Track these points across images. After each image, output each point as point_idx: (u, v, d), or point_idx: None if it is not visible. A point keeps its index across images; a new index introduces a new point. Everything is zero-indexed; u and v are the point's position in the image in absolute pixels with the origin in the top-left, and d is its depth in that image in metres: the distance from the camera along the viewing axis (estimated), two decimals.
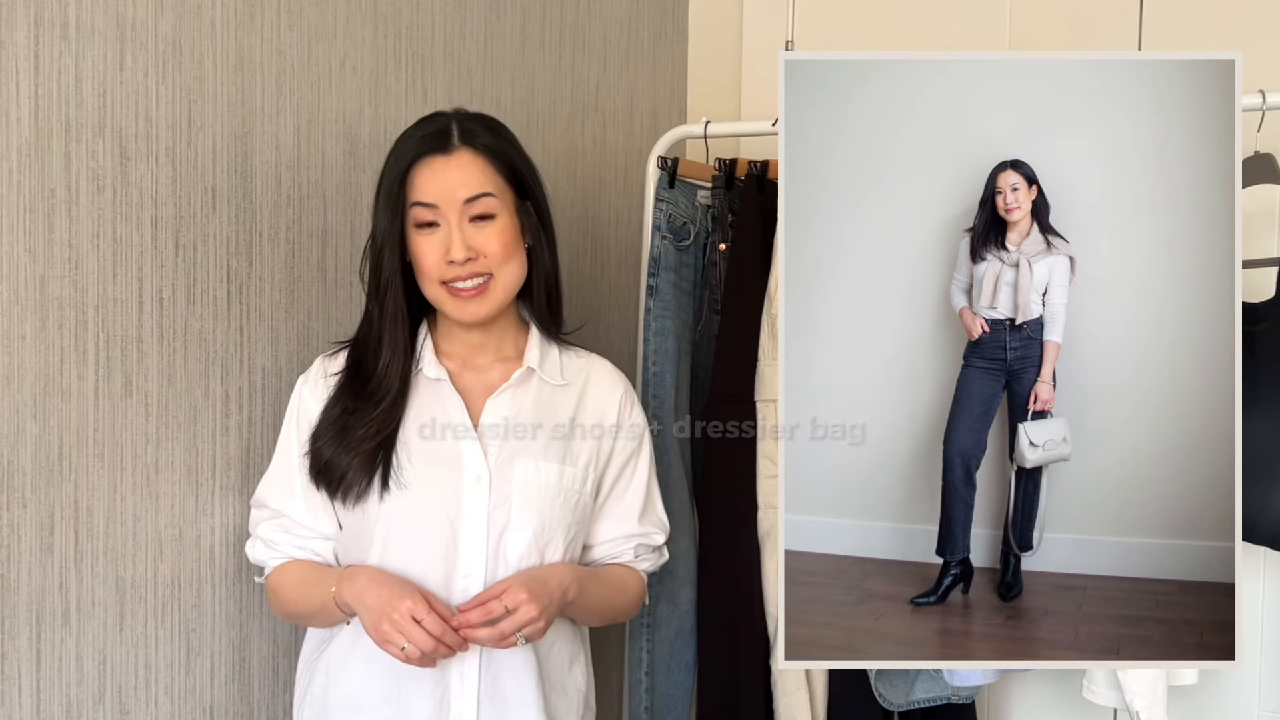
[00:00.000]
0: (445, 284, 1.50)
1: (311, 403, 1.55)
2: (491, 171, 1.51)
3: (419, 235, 1.50)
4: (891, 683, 1.87)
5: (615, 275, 2.35)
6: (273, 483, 1.56)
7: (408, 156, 1.50)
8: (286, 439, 1.56)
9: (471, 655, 1.48)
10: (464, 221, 1.49)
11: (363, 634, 1.47)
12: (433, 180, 1.49)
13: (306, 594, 1.52)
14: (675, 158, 2.10)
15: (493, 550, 1.49)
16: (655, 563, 1.69)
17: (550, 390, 1.58)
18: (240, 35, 1.60)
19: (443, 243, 1.48)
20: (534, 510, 1.51)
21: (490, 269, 1.50)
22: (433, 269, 1.49)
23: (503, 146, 1.54)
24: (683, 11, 2.54)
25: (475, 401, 1.55)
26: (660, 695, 2.05)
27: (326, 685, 1.52)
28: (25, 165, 1.37)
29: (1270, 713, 2.08)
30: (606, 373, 1.65)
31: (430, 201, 1.48)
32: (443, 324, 1.59)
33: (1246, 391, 1.79)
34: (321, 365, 1.58)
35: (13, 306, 1.37)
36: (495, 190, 1.50)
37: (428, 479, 1.50)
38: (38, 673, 1.42)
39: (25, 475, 1.39)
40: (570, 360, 1.62)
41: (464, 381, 1.56)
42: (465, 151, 1.50)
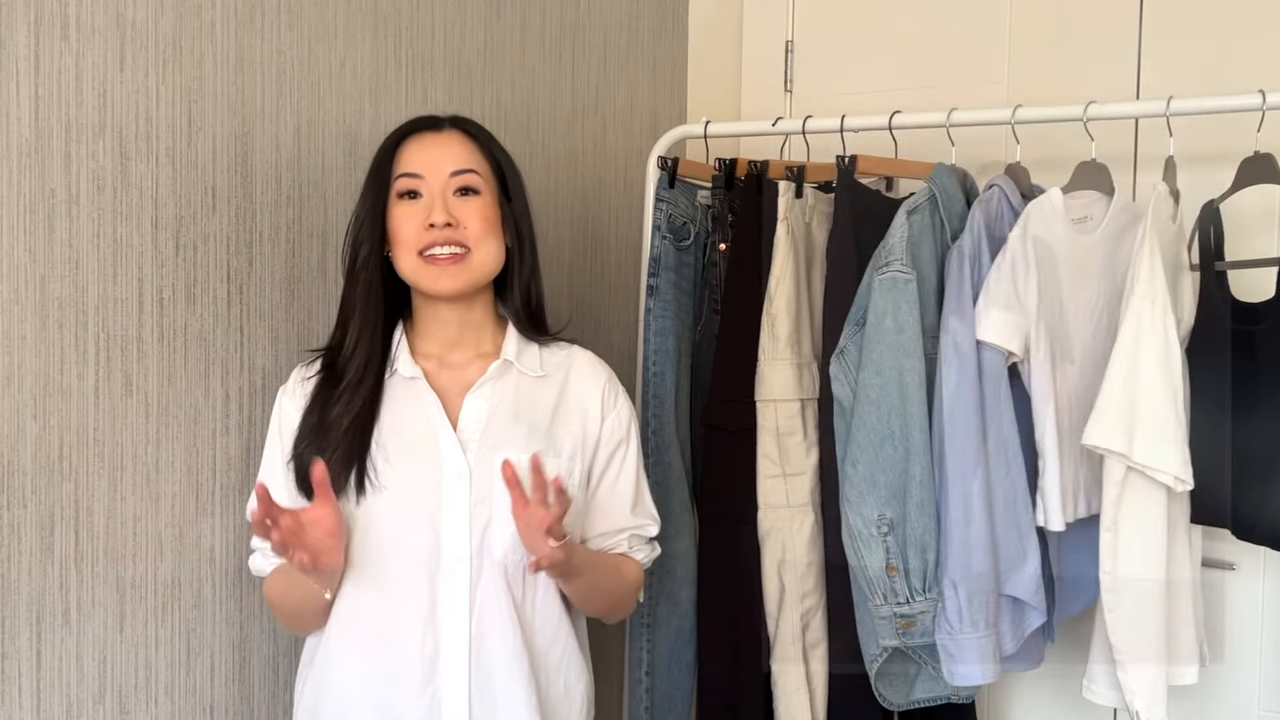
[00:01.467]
0: (422, 254, 1.49)
1: (291, 411, 1.53)
2: (478, 155, 1.54)
3: (400, 206, 1.50)
4: (891, 682, 1.87)
5: (615, 275, 2.35)
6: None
7: (397, 135, 1.55)
8: (270, 449, 1.55)
9: (460, 656, 1.47)
10: (448, 193, 1.50)
11: (351, 643, 1.47)
12: (420, 152, 1.52)
13: (288, 589, 1.51)
14: (675, 158, 2.10)
15: (476, 547, 1.47)
16: (649, 555, 1.66)
17: (530, 382, 1.56)
18: (240, 35, 1.61)
19: (424, 209, 1.49)
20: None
21: (468, 241, 1.49)
22: (411, 236, 1.49)
23: (491, 141, 1.57)
24: (683, 11, 2.54)
25: (454, 399, 1.53)
26: (660, 695, 2.05)
27: (318, 691, 1.51)
28: (25, 165, 1.37)
29: (1270, 713, 2.08)
30: (588, 362, 1.62)
31: (416, 171, 1.50)
32: (419, 323, 1.57)
33: (1246, 391, 1.79)
34: (298, 373, 1.56)
35: (13, 306, 1.37)
36: (481, 170, 1.52)
37: (406, 478, 1.48)
38: (38, 673, 1.42)
39: (25, 475, 1.39)
40: (550, 354, 1.60)
41: (441, 380, 1.54)
42: (455, 131, 1.55)
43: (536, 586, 1.52)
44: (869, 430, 1.78)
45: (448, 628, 1.47)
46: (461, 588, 1.47)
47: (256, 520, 1.34)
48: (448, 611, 1.47)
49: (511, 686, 1.48)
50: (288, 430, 1.53)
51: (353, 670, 1.48)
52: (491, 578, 1.48)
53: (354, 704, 1.48)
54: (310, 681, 1.52)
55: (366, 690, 1.47)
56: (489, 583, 1.48)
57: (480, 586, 1.48)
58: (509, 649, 1.48)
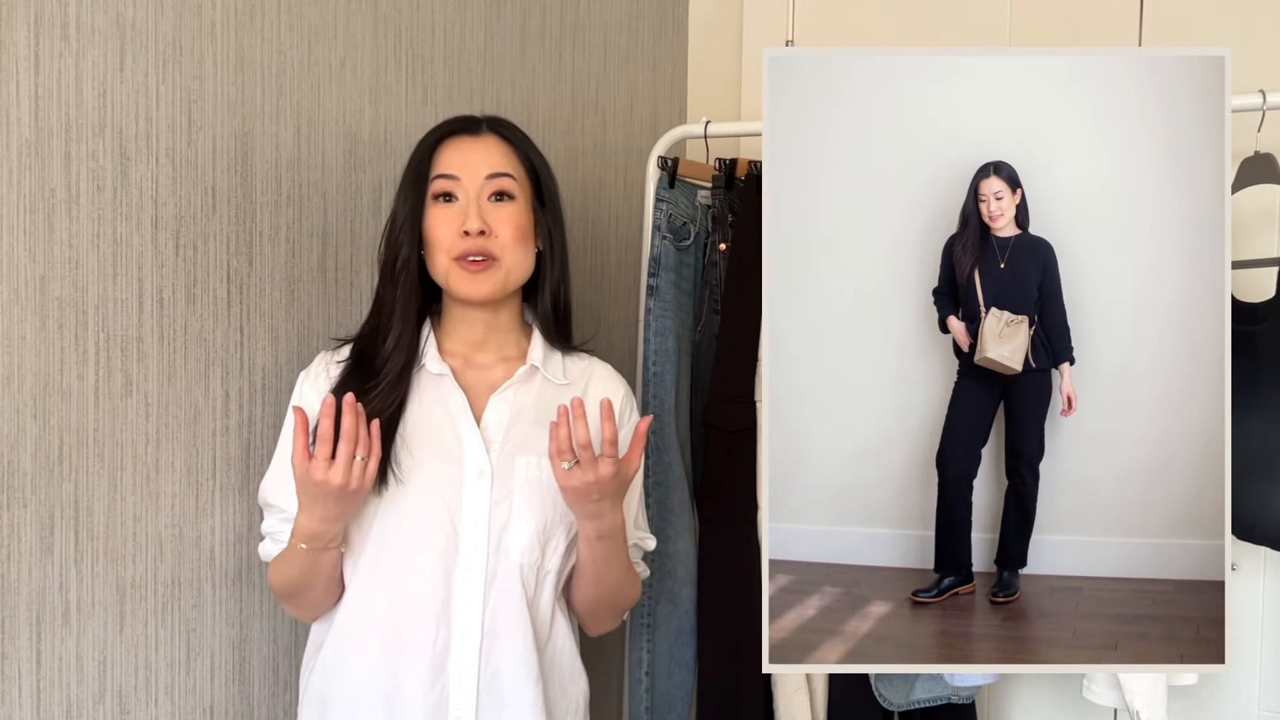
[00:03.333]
0: (456, 259, 1.51)
1: (311, 395, 1.55)
2: (515, 159, 1.56)
3: (435, 208, 1.53)
4: (891, 683, 1.87)
5: (615, 275, 2.35)
6: (276, 479, 1.56)
7: (435, 136, 1.56)
8: (286, 434, 1.56)
9: (470, 651, 1.48)
10: (483, 197, 1.52)
11: (362, 632, 1.48)
12: (456, 154, 1.54)
13: (286, 561, 1.51)
14: (675, 158, 2.10)
15: (494, 546, 1.49)
16: (643, 571, 1.70)
17: (553, 389, 1.58)
18: (240, 35, 1.61)
19: (459, 214, 1.51)
20: (536, 506, 1.51)
21: (499, 251, 1.51)
22: (446, 240, 1.51)
23: (529, 145, 1.59)
24: (683, 11, 2.54)
25: (478, 399, 1.55)
26: (660, 695, 2.05)
27: (325, 683, 1.52)
28: (25, 165, 1.37)
29: (1270, 713, 2.08)
30: (609, 375, 1.66)
31: (452, 173, 1.52)
32: (446, 321, 1.59)
33: (1246, 391, 1.79)
34: (323, 359, 1.58)
35: (13, 306, 1.37)
36: (516, 175, 1.54)
37: (429, 473, 1.50)
38: (38, 673, 1.42)
39: (25, 475, 1.39)
40: (573, 363, 1.63)
41: (466, 379, 1.57)
42: (492, 135, 1.57)
43: (543, 588, 1.53)
44: None
45: (460, 623, 1.49)
46: (476, 584, 1.49)
47: (323, 434, 1.39)
48: (461, 607, 1.49)
49: (519, 684, 1.50)
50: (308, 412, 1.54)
51: (363, 659, 1.49)
52: (507, 576, 1.50)
53: (363, 692, 1.49)
54: (318, 668, 1.54)
55: (375, 679, 1.48)
56: (504, 581, 1.50)
57: (495, 584, 1.50)
58: (520, 647, 1.50)
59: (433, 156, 1.54)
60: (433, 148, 1.55)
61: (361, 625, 1.50)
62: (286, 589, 1.54)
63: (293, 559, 1.49)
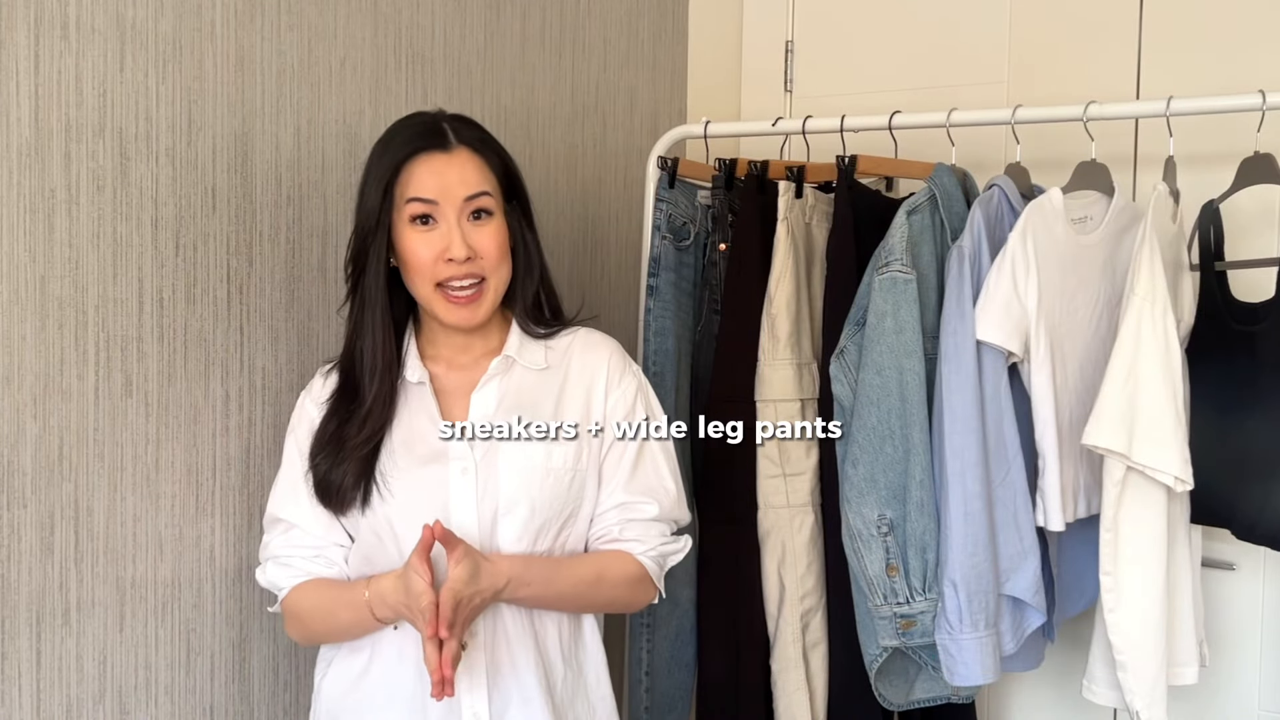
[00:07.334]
0: (440, 286, 1.49)
1: (314, 412, 1.55)
2: (487, 170, 1.51)
3: (413, 231, 1.48)
4: (891, 682, 1.87)
5: (615, 275, 2.35)
6: (281, 495, 1.55)
7: (402, 151, 1.48)
8: (290, 450, 1.56)
9: (477, 649, 1.48)
10: (462, 219, 1.48)
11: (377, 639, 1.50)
12: (432, 177, 1.48)
13: (334, 614, 1.50)
14: (675, 158, 2.10)
15: (486, 538, 1.49)
16: (656, 544, 1.56)
17: (534, 377, 1.56)
18: (240, 35, 1.61)
19: (441, 239, 1.47)
20: (523, 494, 1.50)
21: (485, 272, 1.49)
22: (428, 267, 1.48)
23: (494, 145, 1.55)
24: (683, 11, 2.54)
25: (462, 399, 1.54)
26: (660, 695, 2.05)
27: (336, 685, 1.53)
28: (25, 165, 1.37)
29: (1270, 713, 2.08)
30: (590, 340, 1.61)
31: (430, 198, 1.47)
32: (427, 326, 1.57)
33: (1246, 391, 1.79)
34: (321, 379, 1.58)
35: (13, 306, 1.37)
36: (492, 189, 1.51)
37: (415, 481, 1.49)
38: (38, 673, 1.42)
39: (25, 475, 1.39)
40: (555, 343, 1.59)
41: (450, 381, 1.56)
42: (464, 150, 1.50)
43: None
44: (869, 430, 1.78)
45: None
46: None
47: (432, 635, 1.35)
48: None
49: (521, 674, 1.50)
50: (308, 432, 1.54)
51: (376, 665, 1.50)
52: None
53: (375, 697, 1.50)
54: (330, 675, 1.54)
55: (387, 683, 1.50)
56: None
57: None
58: (522, 638, 1.50)
59: (400, 174, 1.47)
60: (399, 164, 1.47)
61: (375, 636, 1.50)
62: (323, 633, 1.54)
63: (360, 623, 1.48)
